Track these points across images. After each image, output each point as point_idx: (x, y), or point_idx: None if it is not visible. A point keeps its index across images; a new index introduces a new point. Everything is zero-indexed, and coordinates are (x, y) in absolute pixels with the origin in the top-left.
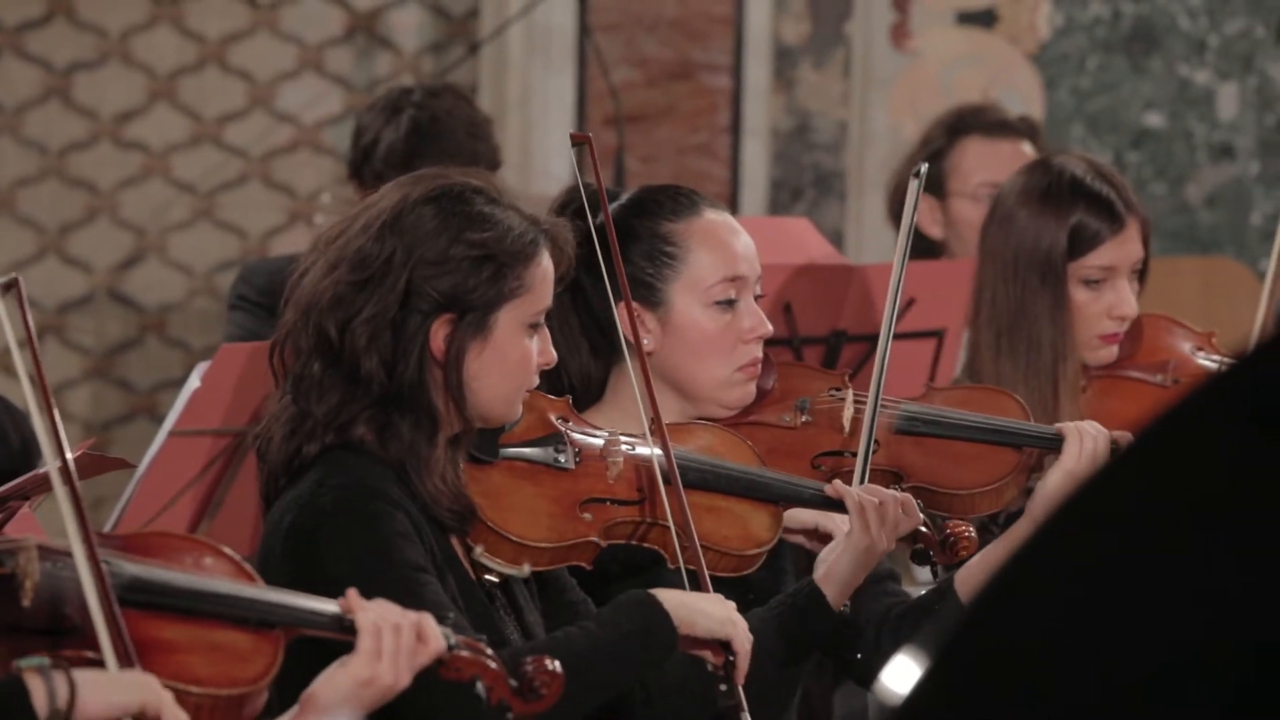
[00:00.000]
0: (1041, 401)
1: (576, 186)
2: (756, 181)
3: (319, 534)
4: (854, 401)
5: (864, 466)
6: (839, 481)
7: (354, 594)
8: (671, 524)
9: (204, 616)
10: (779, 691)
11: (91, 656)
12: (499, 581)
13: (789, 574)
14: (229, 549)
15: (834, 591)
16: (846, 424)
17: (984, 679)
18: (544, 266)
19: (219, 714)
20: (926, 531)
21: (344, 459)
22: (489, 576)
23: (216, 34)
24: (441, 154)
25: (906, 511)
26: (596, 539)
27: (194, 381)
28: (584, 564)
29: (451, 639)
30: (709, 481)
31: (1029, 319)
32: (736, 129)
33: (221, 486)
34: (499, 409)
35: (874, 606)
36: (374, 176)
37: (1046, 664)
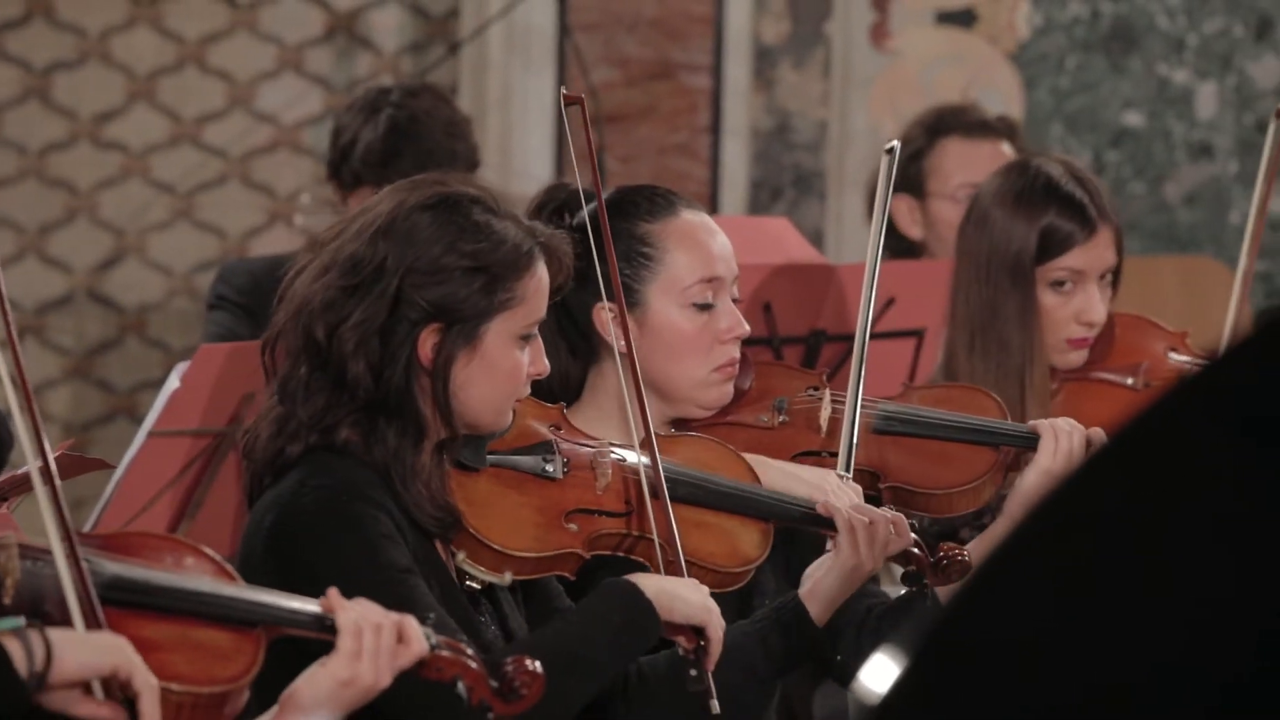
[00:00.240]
0: (1009, 403)
1: (556, 186)
2: (736, 181)
3: (301, 535)
4: (831, 401)
5: (848, 458)
6: (830, 500)
7: (335, 593)
8: (656, 538)
9: (185, 615)
10: (757, 698)
11: None
12: (482, 588)
13: (769, 578)
14: (209, 549)
15: (818, 609)
16: (824, 424)
17: (961, 677)
18: (538, 278)
19: (200, 713)
20: (919, 553)
21: (327, 460)
22: (471, 583)
23: (195, 34)
24: (420, 153)
25: (897, 531)
26: (580, 551)
27: (173, 382)
28: (567, 574)
29: (433, 639)
30: (698, 496)
31: (1000, 320)
32: (716, 129)
33: (201, 487)
34: (487, 418)
35: (854, 607)
36: (352, 176)
37: (1024, 662)
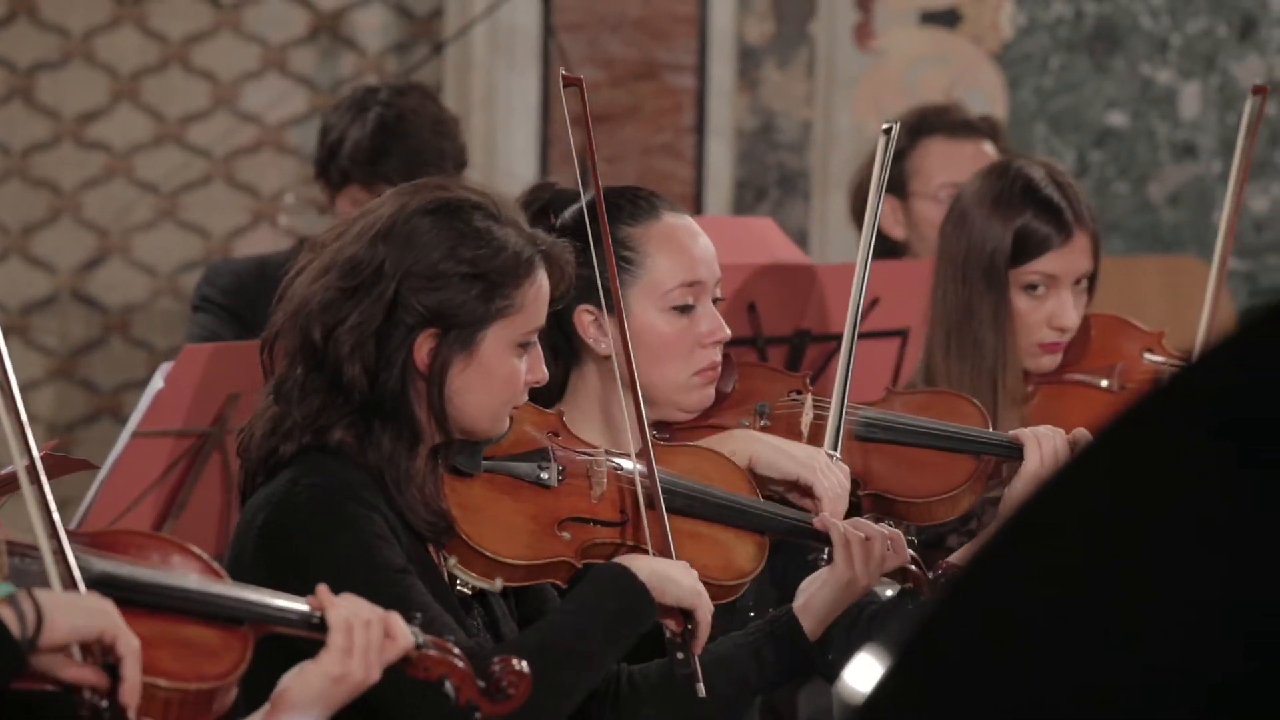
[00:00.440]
0: (983, 404)
1: (540, 186)
2: (721, 181)
3: (295, 532)
4: (813, 406)
5: (836, 437)
6: (826, 514)
7: (324, 590)
8: (651, 549)
9: (172, 612)
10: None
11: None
12: (473, 593)
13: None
14: (196, 547)
15: (811, 623)
16: (805, 430)
17: (947, 676)
18: (538, 286)
19: (187, 709)
20: (915, 570)
21: (320, 460)
22: (462, 588)
23: (179, 34)
24: (408, 152)
25: (894, 548)
26: (572, 559)
27: (157, 382)
28: (559, 582)
29: (419, 637)
30: (694, 507)
31: (975, 321)
32: (701, 129)
33: (185, 487)
34: (483, 424)
35: (848, 608)
36: (340, 175)
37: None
